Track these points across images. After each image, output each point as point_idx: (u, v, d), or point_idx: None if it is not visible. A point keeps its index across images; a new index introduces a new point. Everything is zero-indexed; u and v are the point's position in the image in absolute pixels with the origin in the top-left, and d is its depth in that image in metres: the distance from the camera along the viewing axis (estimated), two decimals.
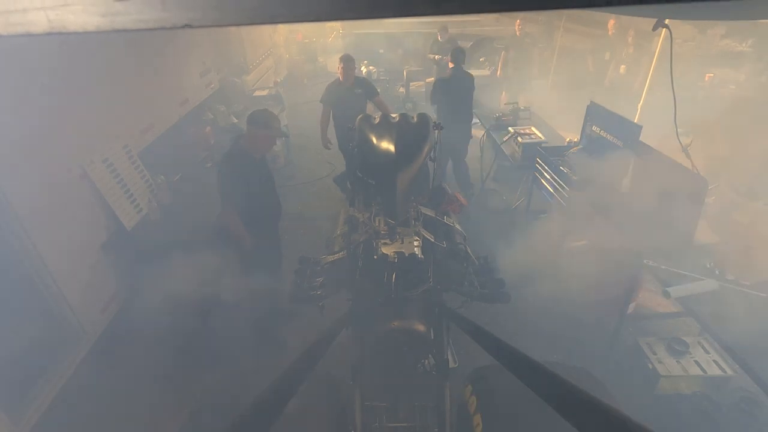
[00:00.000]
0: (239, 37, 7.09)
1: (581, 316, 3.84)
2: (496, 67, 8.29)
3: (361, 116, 3.05)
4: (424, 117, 2.90)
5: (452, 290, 2.46)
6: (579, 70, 7.97)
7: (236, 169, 3.04)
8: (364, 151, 2.77)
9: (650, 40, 6.65)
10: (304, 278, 2.46)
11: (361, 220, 2.63)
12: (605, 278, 3.81)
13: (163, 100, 4.73)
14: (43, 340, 3.02)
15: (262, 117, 3.06)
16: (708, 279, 2.87)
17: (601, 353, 3.49)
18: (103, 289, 3.52)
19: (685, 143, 3.48)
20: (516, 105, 5.97)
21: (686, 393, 3.10)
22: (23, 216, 2.78)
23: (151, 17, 0.36)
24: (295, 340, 3.49)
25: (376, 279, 2.24)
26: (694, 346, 3.26)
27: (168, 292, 3.33)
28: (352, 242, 2.49)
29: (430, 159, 2.69)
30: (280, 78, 9.28)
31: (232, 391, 1.87)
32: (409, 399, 2.34)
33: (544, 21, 8.64)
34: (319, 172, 6.43)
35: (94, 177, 3.41)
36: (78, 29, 0.37)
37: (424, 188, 3.01)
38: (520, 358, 1.27)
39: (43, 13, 0.37)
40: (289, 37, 11.24)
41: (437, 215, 2.64)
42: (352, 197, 2.97)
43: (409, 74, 8.97)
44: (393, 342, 2.15)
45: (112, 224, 3.58)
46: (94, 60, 3.45)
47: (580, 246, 4.71)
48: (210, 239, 3.30)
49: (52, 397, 2.98)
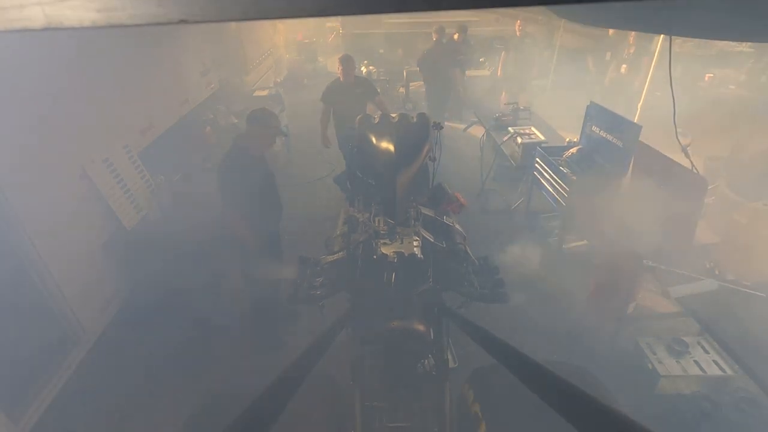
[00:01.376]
0: (239, 37, 7.10)
1: (581, 316, 3.84)
2: (496, 68, 8.29)
3: (361, 116, 3.06)
4: (424, 117, 2.90)
5: (452, 290, 2.45)
6: (579, 70, 7.97)
7: (236, 168, 3.04)
8: (363, 151, 2.77)
9: (650, 41, 6.65)
10: (304, 278, 2.46)
11: (361, 220, 2.62)
12: (605, 278, 3.81)
13: (163, 100, 4.73)
14: (43, 340, 3.02)
15: (261, 115, 3.07)
16: (708, 279, 2.87)
17: (601, 353, 3.49)
18: (103, 289, 3.52)
19: (684, 143, 3.48)
20: (516, 105, 5.97)
21: (686, 393, 3.10)
22: (23, 216, 2.78)
23: (147, 13, 0.36)
24: (295, 340, 3.49)
25: (375, 279, 2.24)
26: (694, 346, 3.26)
27: (168, 292, 3.33)
28: (352, 242, 2.49)
29: (430, 159, 2.69)
30: (280, 78, 9.29)
31: (231, 391, 1.87)
32: (409, 399, 2.34)
33: (544, 21, 8.64)
34: (319, 172, 6.43)
35: (94, 177, 3.41)
36: (75, 25, 0.37)
37: (423, 188, 3.01)
38: (520, 358, 1.26)
39: (39, 9, 0.37)
40: (289, 37, 11.25)
41: (437, 215, 2.64)
42: (352, 197, 2.97)
43: (409, 74, 8.97)
44: (393, 342, 2.15)
45: (112, 224, 3.58)
46: (95, 60, 3.45)
47: (580, 246, 4.71)
48: (212, 239, 3.30)
49: (52, 397, 2.98)
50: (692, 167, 3.44)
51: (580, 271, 4.32)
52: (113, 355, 3.36)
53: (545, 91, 8.51)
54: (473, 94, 8.02)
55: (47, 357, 3.09)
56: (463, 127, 7.66)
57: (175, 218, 4.03)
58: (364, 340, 2.24)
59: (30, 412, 2.81)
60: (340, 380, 2.09)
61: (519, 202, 5.48)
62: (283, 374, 1.28)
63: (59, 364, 3.12)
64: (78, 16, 0.37)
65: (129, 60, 4.04)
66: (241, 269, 3.33)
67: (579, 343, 3.61)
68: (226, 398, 1.77)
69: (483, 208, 5.56)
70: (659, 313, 3.85)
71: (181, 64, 5.26)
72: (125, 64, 3.97)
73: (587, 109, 4.53)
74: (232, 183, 3.02)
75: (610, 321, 3.52)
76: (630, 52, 7.14)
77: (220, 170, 3.06)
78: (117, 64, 3.81)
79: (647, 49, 6.68)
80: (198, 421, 1.78)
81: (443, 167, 2.94)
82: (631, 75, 6.98)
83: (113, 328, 3.55)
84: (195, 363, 3.34)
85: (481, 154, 6.16)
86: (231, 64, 6.89)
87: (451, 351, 2.94)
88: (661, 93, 5.94)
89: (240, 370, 3.30)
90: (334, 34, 12.41)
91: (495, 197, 5.78)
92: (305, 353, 1.52)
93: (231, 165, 3.06)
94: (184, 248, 3.44)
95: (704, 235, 3.81)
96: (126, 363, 3.31)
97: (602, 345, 3.54)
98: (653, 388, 3.14)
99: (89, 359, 3.29)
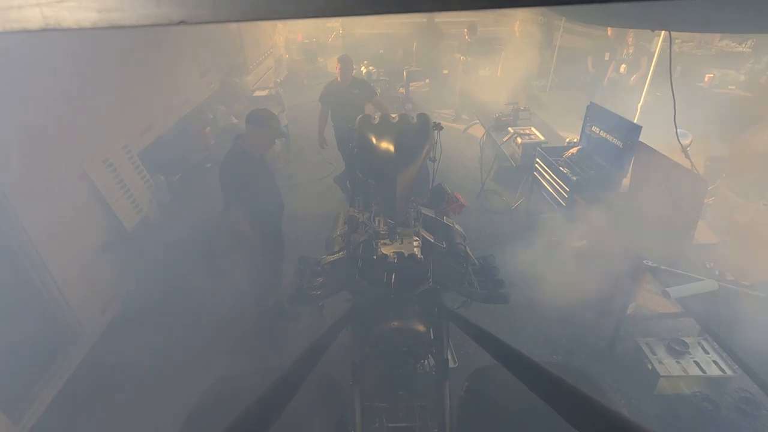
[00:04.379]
0: (239, 37, 7.09)
1: (581, 316, 3.84)
2: (496, 68, 8.28)
3: (361, 116, 3.05)
4: (424, 117, 2.90)
5: (452, 290, 2.45)
6: (579, 70, 7.97)
7: (237, 168, 3.06)
8: (363, 151, 2.76)
9: (650, 41, 6.65)
10: (304, 278, 2.46)
11: (361, 220, 2.62)
12: (605, 278, 3.81)
13: (163, 101, 4.73)
14: (43, 340, 3.02)
15: (261, 116, 3.09)
16: (708, 279, 2.87)
17: (601, 353, 3.49)
18: (103, 289, 3.52)
19: (684, 144, 3.48)
20: (516, 105, 5.97)
21: (686, 393, 3.10)
22: (23, 216, 2.78)
23: (147, 14, 0.36)
24: (295, 340, 3.49)
25: (375, 279, 2.23)
26: (694, 347, 3.26)
27: (168, 292, 3.33)
28: (352, 242, 2.49)
29: (430, 159, 2.69)
30: (280, 78, 9.28)
31: (232, 391, 1.87)
32: (409, 399, 2.34)
33: (544, 21, 8.63)
34: (319, 172, 6.43)
35: (94, 177, 3.41)
36: (73, 26, 0.37)
37: (423, 188, 3.00)
38: (520, 358, 1.26)
39: (38, 10, 0.37)
40: (289, 38, 11.25)
41: (437, 215, 2.64)
42: (352, 197, 2.97)
43: (409, 74, 8.96)
44: (393, 342, 2.14)
45: (112, 224, 3.58)
46: (95, 61, 3.45)
47: (580, 246, 4.71)
48: (213, 239, 3.30)
49: (52, 397, 2.98)
50: (692, 167, 3.44)
51: (580, 271, 4.32)
52: (113, 355, 3.36)
53: (545, 91, 8.51)
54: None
55: (47, 357, 3.09)
56: (463, 127, 7.66)
57: (175, 218, 4.03)
58: (364, 340, 2.24)
59: (30, 412, 2.81)
60: (340, 380, 2.09)
61: (519, 202, 5.48)
62: (283, 374, 1.28)
63: (59, 364, 3.12)
64: (76, 17, 0.37)
65: (129, 60, 4.04)
66: (243, 268, 3.33)
67: (579, 343, 3.61)
68: (226, 398, 1.77)
69: (483, 208, 5.55)
70: (659, 313, 3.85)
71: (181, 65, 5.26)
72: (125, 64, 3.97)
73: (587, 110, 4.53)
74: (232, 183, 3.03)
75: (610, 321, 3.52)
76: (630, 53, 7.13)
77: (221, 171, 3.08)
78: (117, 64, 3.81)
79: (647, 50, 6.69)
80: (198, 421, 1.78)
81: (443, 167, 2.94)
82: (630, 75, 6.97)
83: (113, 328, 3.55)
84: (195, 363, 3.33)
85: (481, 154, 6.16)
86: (231, 64, 6.89)
87: (450, 351, 2.94)
88: (661, 93, 5.95)
89: (240, 370, 3.30)
90: (334, 34, 12.41)
91: (495, 197, 5.78)
92: (305, 353, 1.52)
93: (231, 165, 3.07)
94: (184, 248, 3.44)
95: (704, 235, 3.80)
96: (126, 363, 3.30)
97: (602, 345, 3.54)
98: (653, 388, 3.14)
99: (89, 359, 3.29)
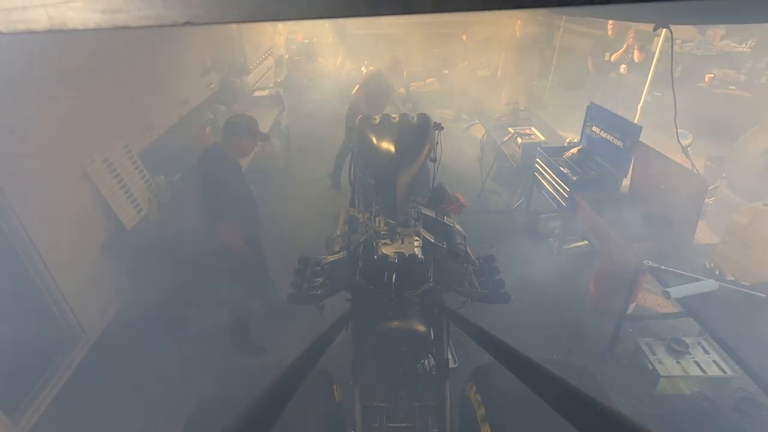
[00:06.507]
0: (239, 37, 7.08)
1: (581, 316, 3.84)
2: (497, 68, 8.29)
3: (361, 116, 3.05)
4: (424, 117, 2.90)
5: (452, 290, 2.45)
6: (579, 71, 7.97)
7: (208, 169, 3.11)
8: (364, 151, 2.76)
9: (650, 41, 6.66)
10: (304, 278, 2.46)
11: (361, 220, 2.62)
12: (605, 278, 3.82)
13: (163, 100, 4.72)
14: (43, 340, 3.02)
15: (236, 123, 3.15)
16: (708, 279, 2.87)
17: (601, 353, 3.49)
18: (103, 289, 3.52)
19: (684, 144, 3.48)
20: (516, 105, 5.97)
21: (686, 393, 3.10)
22: (23, 216, 2.78)
23: (152, 14, 0.36)
24: (295, 340, 3.48)
25: (376, 279, 2.23)
26: (694, 347, 3.26)
27: (168, 293, 3.33)
28: (352, 242, 2.49)
29: (431, 159, 2.69)
30: (280, 78, 9.27)
31: (231, 391, 1.87)
32: (409, 399, 2.34)
33: (544, 21, 8.64)
34: (320, 173, 6.43)
35: (94, 177, 3.41)
36: (78, 27, 0.37)
37: (424, 188, 3.00)
38: (520, 358, 1.27)
39: (43, 11, 0.37)
40: (290, 38, 11.24)
41: (437, 215, 2.64)
42: (353, 197, 2.97)
43: (409, 74, 8.96)
44: (393, 342, 2.14)
45: (112, 224, 3.58)
46: (95, 60, 3.45)
47: (580, 246, 4.71)
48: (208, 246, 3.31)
49: (52, 397, 2.97)
50: (692, 167, 3.44)
51: (580, 271, 4.33)
52: (113, 355, 3.36)
53: (545, 92, 8.51)
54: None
55: (47, 357, 3.09)
56: (464, 127, 7.66)
57: (175, 218, 4.02)
58: (364, 340, 2.24)
59: (30, 412, 2.81)
60: (340, 380, 2.09)
61: (519, 202, 5.48)
62: (283, 374, 1.28)
63: (59, 364, 3.12)
64: (81, 17, 0.37)
65: (129, 60, 4.03)
66: (234, 274, 3.37)
67: (579, 343, 3.61)
68: (226, 398, 1.77)
69: (483, 208, 5.56)
70: (659, 313, 3.85)
71: (181, 64, 5.25)
72: (125, 63, 3.97)
73: (587, 110, 4.54)
74: (204, 185, 3.09)
75: (610, 321, 3.52)
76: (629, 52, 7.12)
77: (194, 171, 3.12)
78: (117, 64, 3.81)
79: (647, 50, 6.68)
80: (198, 421, 1.78)
81: (443, 167, 2.94)
82: (631, 75, 6.97)
83: (113, 328, 3.54)
84: (195, 363, 3.33)
85: (481, 154, 6.16)
86: (231, 64, 6.88)
87: (451, 351, 2.94)
88: (661, 93, 5.95)
89: (240, 370, 3.30)
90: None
91: (495, 197, 5.78)
92: (305, 353, 1.52)
93: (204, 167, 3.13)
94: (185, 248, 3.44)
95: (704, 235, 3.81)
96: (126, 363, 3.30)
97: (602, 345, 3.54)
98: (653, 389, 3.14)
99: (89, 359, 3.29)
